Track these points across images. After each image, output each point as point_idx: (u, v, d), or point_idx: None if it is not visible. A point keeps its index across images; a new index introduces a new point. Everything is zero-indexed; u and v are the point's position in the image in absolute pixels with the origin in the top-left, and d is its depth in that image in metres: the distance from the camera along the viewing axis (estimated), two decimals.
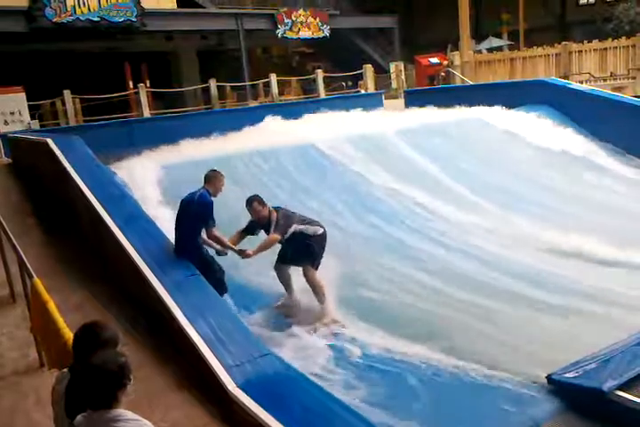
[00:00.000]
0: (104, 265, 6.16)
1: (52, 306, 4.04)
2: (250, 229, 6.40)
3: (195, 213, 5.82)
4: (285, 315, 6.39)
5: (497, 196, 10.01)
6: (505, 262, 7.78)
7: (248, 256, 6.10)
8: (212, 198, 5.88)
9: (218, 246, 6.03)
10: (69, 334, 3.51)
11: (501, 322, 6.20)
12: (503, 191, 10.30)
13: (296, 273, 6.50)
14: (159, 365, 4.58)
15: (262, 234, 6.36)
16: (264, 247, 6.15)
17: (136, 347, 4.72)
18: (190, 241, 5.82)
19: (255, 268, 6.69)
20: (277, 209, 6.33)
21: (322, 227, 6.46)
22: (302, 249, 6.30)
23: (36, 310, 4.38)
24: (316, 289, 6.33)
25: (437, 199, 9.51)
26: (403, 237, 8.43)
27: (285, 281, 6.51)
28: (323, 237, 6.41)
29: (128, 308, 5.37)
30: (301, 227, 6.28)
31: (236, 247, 6.10)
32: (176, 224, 5.96)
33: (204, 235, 5.96)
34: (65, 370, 2.84)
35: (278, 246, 6.41)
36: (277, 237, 6.16)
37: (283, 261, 6.47)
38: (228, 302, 5.82)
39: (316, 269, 6.37)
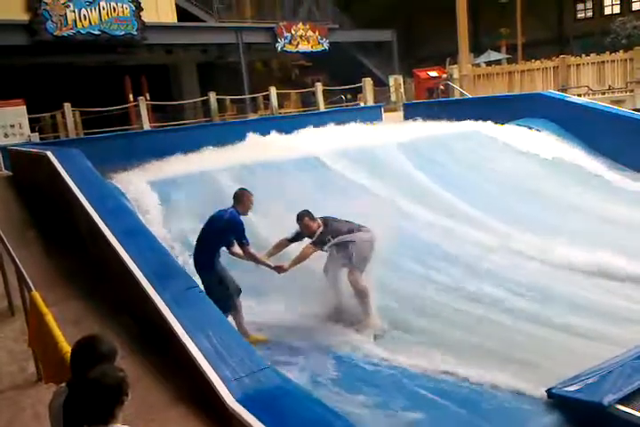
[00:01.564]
0: (103, 278, 6.14)
1: (50, 319, 4.03)
2: (296, 239, 6.63)
3: (220, 230, 6.04)
4: (334, 318, 6.53)
5: (496, 209, 10.05)
6: (508, 276, 7.78)
7: (284, 271, 6.29)
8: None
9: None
10: (67, 348, 3.49)
11: (501, 335, 6.20)
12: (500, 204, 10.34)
13: None
14: (157, 378, 4.55)
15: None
16: (298, 260, 6.34)
17: (134, 360, 4.69)
18: (208, 256, 6.01)
19: None
20: (326, 221, 6.50)
21: (369, 231, 6.53)
22: (349, 253, 6.40)
23: (33, 323, 4.37)
24: (360, 292, 6.43)
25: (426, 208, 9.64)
26: None
27: (334, 284, 6.62)
28: (370, 241, 6.48)
29: (127, 321, 5.35)
30: (345, 237, 6.41)
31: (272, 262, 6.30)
32: (199, 238, 6.16)
33: (238, 250, 6.17)
34: (63, 385, 2.82)
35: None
36: (312, 249, 6.35)
37: (331, 266, 6.58)
38: None
39: (362, 272, 6.45)
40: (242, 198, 6.20)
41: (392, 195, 9.62)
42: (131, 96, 19.17)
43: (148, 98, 18.41)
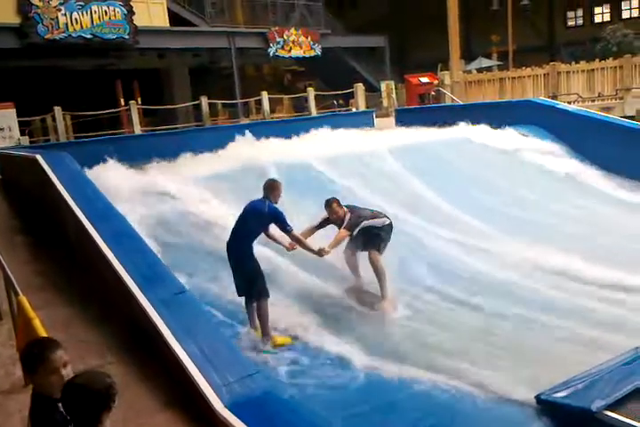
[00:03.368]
0: (92, 282, 6.11)
1: (37, 324, 4.01)
2: (321, 226, 7.12)
3: (263, 221, 6.38)
4: (353, 298, 7.02)
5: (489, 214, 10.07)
6: (496, 282, 7.80)
7: (327, 253, 6.71)
8: None
9: (286, 244, 6.77)
10: None
11: (487, 340, 6.20)
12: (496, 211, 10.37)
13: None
14: (146, 383, 4.52)
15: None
16: (337, 243, 6.84)
17: (123, 365, 4.67)
18: (248, 245, 6.29)
19: None
20: (351, 209, 7.07)
21: (388, 218, 7.15)
22: (371, 237, 6.96)
23: (21, 327, 4.34)
24: (379, 272, 6.95)
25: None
26: None
27: (353, 266, 7.21)
28: (389, 226, 7.09)
29: (115, 325, 5.33)
30: (370, 221, 6.98)
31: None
32: (237, 229, 6.36)
33: (273, 233, 6.61)
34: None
35: None
36: (346, 233, 6.89)
37: (352, 248, 7.09)
38: None
39: (380, 254, 6.99)
40: (272, 189, 6.44)
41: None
42: (122, 100, 19.14)
43: (140, 102, 18.38)
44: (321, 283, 7.22)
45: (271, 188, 6.45)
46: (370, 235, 6.96)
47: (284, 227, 6.36)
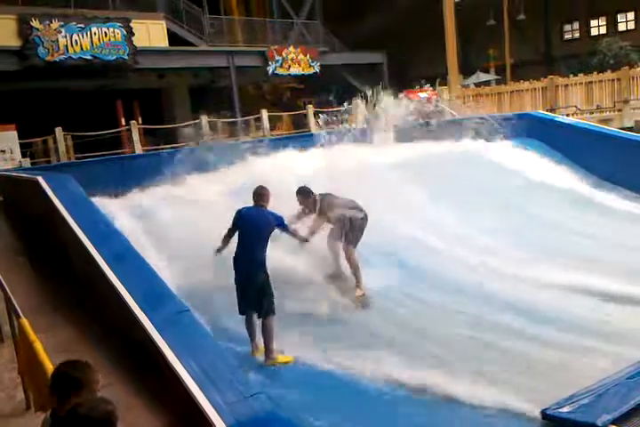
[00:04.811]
0: (94, 303, 6.10)
1: (38, 347, 4.00)
2: (300, 217, 7.59)
3: (271, 228, 6.46)
4: (332, 283, 7.50)
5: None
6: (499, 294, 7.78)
7: (308, 241, 7.13)
8: None
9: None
10: None
11: (493, 355, 6.17)
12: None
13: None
14: (148, 404, 4.50)
15: None
16: (313, 231, 7.32)
17: (124, 387, 4.65)
18: (262, 257, 6.32)
19: None
20: (323, 197, 7.51)
21: (362, 211, 7.55)
22: (343, 227, 7.39)
23: (23, 351, 4.33)
24: (353, 265, 7.49)
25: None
26: None
27: (335, 254, 7.67)
28: (362, 220, 7.52)
29: (117, 347, 5.31)
30: (345, 212, 7.40)
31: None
32: (248, 241, 6.37)
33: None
34: (48, 415, 2.80)
35: None
36: (320, 220, 7.38)
37: (333, 237, 7.55)
38: None
39: (355, 246, 7.51)
40: (263, 195, 6.61)
41: None
42: (123, 120, 19.23)
43: (140, 122, 18.47)
44: None
45: (261, 194, 6.61)
46: (343, 225, 7.37)
47: (285, 228, 6.69)
